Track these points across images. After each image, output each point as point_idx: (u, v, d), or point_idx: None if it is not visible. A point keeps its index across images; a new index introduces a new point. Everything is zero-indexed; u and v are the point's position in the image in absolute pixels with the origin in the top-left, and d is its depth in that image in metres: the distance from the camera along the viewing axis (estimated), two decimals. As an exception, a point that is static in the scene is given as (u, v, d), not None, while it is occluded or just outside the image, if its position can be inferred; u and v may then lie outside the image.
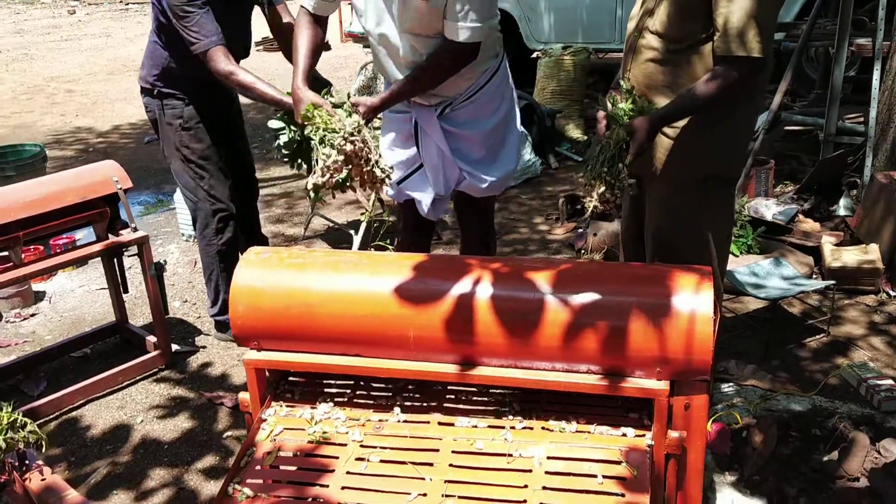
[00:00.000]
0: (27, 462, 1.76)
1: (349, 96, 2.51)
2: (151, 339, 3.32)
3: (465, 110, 2.69)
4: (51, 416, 3.01)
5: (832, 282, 3.47)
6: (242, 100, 3.41)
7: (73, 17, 13.36)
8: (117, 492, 2.64)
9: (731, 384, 2.85)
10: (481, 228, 3.14)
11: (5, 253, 2.94)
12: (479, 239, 3.15)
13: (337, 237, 4.59)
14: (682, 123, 2.30)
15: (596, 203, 2.26)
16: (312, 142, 2.38)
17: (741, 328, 3.36)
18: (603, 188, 2.23)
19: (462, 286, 2.01)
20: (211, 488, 2.61)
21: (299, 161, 2.68)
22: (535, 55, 6.91)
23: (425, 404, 2.17)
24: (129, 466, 2.75)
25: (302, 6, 2.64)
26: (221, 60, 2.87)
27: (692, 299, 1.88)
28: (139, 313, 3.76)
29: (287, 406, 2.20)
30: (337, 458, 2.02)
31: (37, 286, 4.06)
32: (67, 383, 3.15)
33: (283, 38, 3.25)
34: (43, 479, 1.73)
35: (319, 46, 2.64)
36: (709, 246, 2.14)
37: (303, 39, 2.61)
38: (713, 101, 2.18)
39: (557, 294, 1.95)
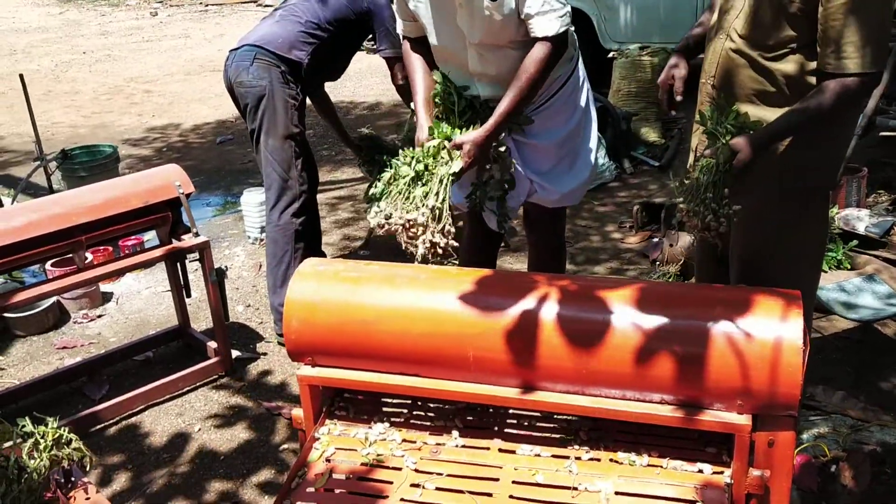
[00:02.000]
0: (73, 479, 1.71)
1: (448, 138, 2.42)
2: (212, 344, 3.29)
3: (537, 119, 2.56)
4: (111, 421, 3.00)
5: (931, 301, 3.21)
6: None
7: (154, 19, 13.68)
8: (176, 497, 2.60)
9: (818, 412, 2.64)
10: (551, 239, 3.00)
11: (71, 255, 2.93)
12: (548, 250, 3.02)
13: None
14: None
15: (701, 232, 2.07)
16: (401, 177, 2.30)
17: (829, 350, 3.13)
18: (709, 216, 2.03)
19: (526, 305, 1.88)
20: (266, 502, 2.54)
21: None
22: (610, 55, 6.70)
23: (485, 429, 2.05)
24: (186, 477, 2.71)
25: (402, 35, 2.66)
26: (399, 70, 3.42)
27: (779, 326, 1.71)
28: (202, 317, 3.74)
29: (341, 424, 2.11)
30: (391, 482, 1.92)
31: (105, 287, 4.09)
32: (129, 387, 3.14)
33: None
34: (88, 499, 1.67)
35: (430, 69, 2.61)
36: (801, 266, 1.95)
37: (416, 64, 2.60)
38: (826, 120, 1.99)
39: (630, 316, 1.81)
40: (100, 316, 3.88)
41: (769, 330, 1.71)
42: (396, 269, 2.08)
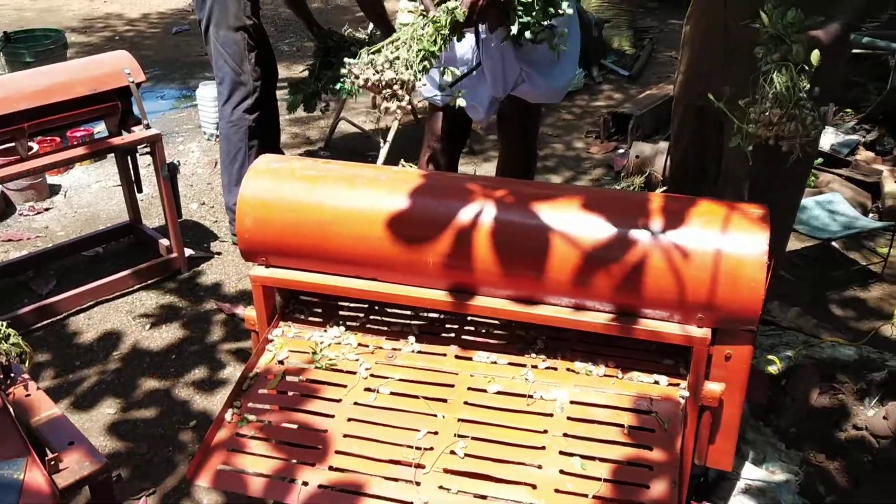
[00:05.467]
0: (12, 375, 1.64)
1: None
2: (164, 242, 3.19)
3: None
4: (58, 317, 2.92)
5: (891, 222, 3.23)
6: None
7: None
8: (124, 391, 2.56)
9: (772, 326, 2.66)
10: (523, 141, 2.94)
11: (13, 144, 2.78)
12: (519, 152, 2.97)
13: (364, 145, 4.38)
14: None
15: (794, 140, 1.87)
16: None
17: (788, 267, 3.14)
18: (809, 117, 1.84)
19: (489, 211, 1.82)
20: (216, 403, 2.51)
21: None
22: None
23: (442, 336, 2.02)
24: (133, 374, 2.66)
25: None
26: None
27: (745, 240, 1.68)
28: (154, 213, 3.63)
29: (295, 327, 2.07)
30: (345, 386, 1.89)
31: (52, 180, 3.94)
32: (77, 283, 3.05)
33: None
34: (28, 395, 1.61)
35: None
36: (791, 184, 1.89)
37: None
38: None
39: (592, 224, 1.76)
40: (47, 209, 3.74)
41: (734, 244, 1.68)
42: (356, 169, 2.00)
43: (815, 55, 1.86)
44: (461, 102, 2.38)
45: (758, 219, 1.72)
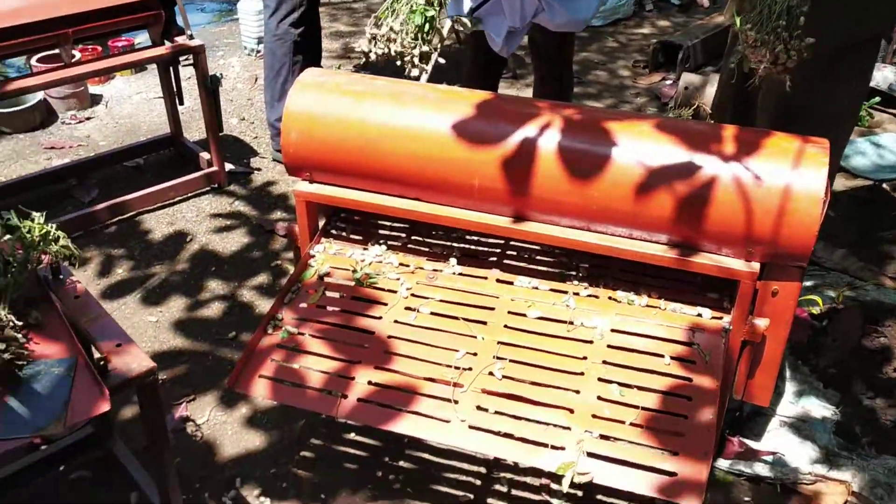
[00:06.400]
0: (61, 277, 1.66)
1: None
2: (205, 155, 3.19)
3: None
4: (100, 226, 2.95)
5: (947, 165, 3.13)
6: None
7: None
8: (167, 299, 2.61)
9: (816, 267, 2.62)
10: (557, 66, 2.87)
11: (57, 51, 2.77)
12: (554, 77, 2.90)
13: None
14: None
15: (767, 66, 1.82)
16: None
17: (836, 207, 3.07)
18: (779, 46, 1.78)
19: (539, 135, 1.79)
20: (256, 316, 2.54)
21: None
22: None
23: (484, 259, 2.01)
24: (180, 276, 2.70)
25: None
26: None
27: (802, 174, 1.63)
28: (195, 127, 3.62)
29: (337, 244, 2.07)
30: (385, 304, 1.90)
31: (94, 89, 3.93)
32: (119, 193, 3.07)
33: None
34: (76, 297, 1.63)
35: None
36: (838, 119, 1.83)
37: None
38: None
39: (642, 151, 1.72)
40: (89, 118, 3.75)
41: (791, 177, 1.63)
42: (403, 86, 1.96)
43: None
44: (480, 26, 2.34)
45: (818, 152, 1.66)
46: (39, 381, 1.41)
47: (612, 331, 1.80)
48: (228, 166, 3.27)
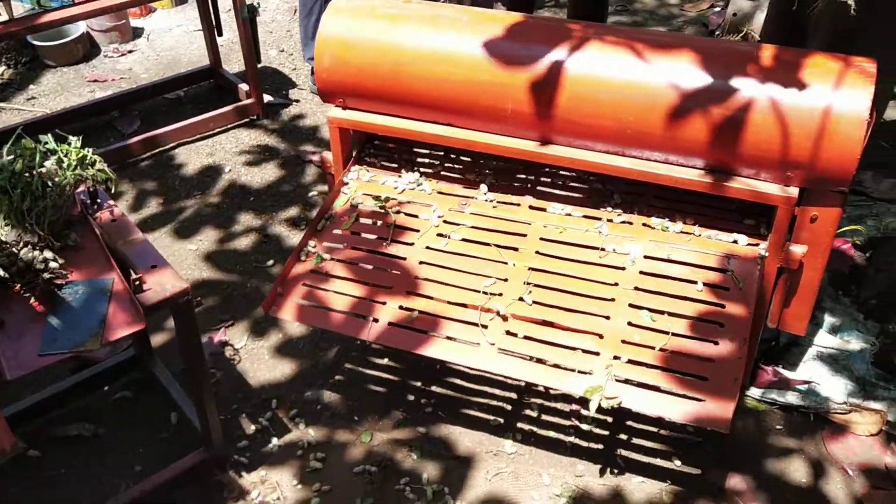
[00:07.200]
0: (98, 201, 1.69)
1: None
2: (244, 86, 3.19)
3: None
4: (142, 157, 2.99)
5: None
6: None
7: None
8: (204, 229, 2.65)
9: (862, 197, 2.54)
10: None
11: (96, -19, 2.77)
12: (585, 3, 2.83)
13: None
14: None
15: None
16: None
17: (888, 136, 2.96)
18: None
19: (575, 58, 1.75)
20: (291, 242, 2.57)
21: None
22: None
23: (517, 185, 1.99)
24: (215, 208, 2.74)
25: None
26: None
27: (845, 95, 1.57)
28: (234, 59, 3.62)
29: (370, 171, 2.07)
30: (417, 230, 1.90)
31: (135, 22, 3.94)
32: (160, 124, 3.10)
33: None
34: (113, 220, 1.67)
35: None
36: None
37: None
38: None
39: (681, 73, 1.67)
40: (130, 51, 3.77)
41: (833, 97, 1.57)
42: (438, 9, 1.93)
43: None
44: None
45: (863, 72, 1.60)
46: (77, 300, 1.45)
47: (645, 257, 1.78)
48: (267, 98, 3.27)
